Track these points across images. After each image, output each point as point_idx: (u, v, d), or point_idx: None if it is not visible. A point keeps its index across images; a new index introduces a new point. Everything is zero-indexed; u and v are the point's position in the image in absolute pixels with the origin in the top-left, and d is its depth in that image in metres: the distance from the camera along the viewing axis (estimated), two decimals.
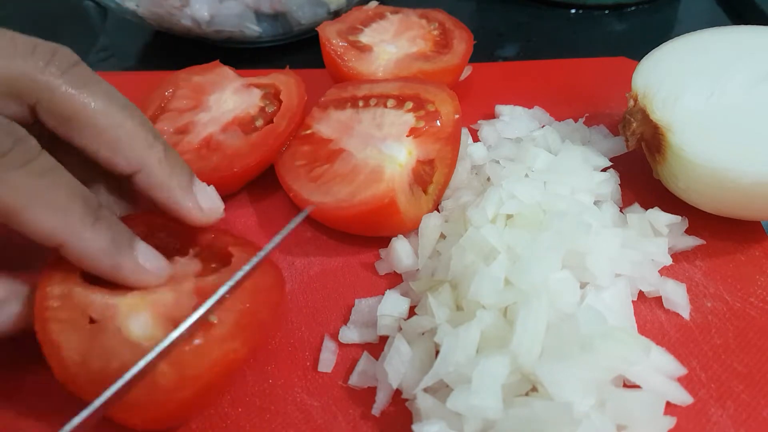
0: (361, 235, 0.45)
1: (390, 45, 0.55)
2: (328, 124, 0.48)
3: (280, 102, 0.50)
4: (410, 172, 0.44)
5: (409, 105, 0.47)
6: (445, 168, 0.45)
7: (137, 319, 0.32)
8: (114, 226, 0.32)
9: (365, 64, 0.53)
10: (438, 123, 0.45)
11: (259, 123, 0.49)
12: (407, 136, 0.45)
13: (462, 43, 0.55)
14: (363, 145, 0.45)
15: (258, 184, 0.49)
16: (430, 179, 0.44)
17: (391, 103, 0.47)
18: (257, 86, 0.52)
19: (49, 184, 0.29)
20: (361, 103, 0.49)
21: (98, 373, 0.30)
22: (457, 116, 0.45)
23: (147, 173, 0.35)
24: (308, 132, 0.49)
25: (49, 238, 0.29)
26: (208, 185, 0.38)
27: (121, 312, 0.32)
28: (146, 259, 0.33)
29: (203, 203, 0.36)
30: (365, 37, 0.56)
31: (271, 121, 0.48)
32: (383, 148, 0.44)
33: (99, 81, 0.33)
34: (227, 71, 0.53)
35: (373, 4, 0.60)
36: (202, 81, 0.52)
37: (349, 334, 0.39)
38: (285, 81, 0.51)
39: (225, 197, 0.42)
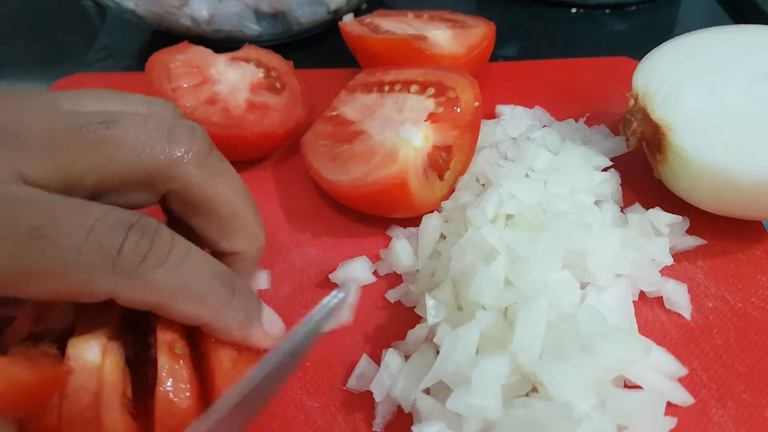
0: (361, 231, 0.45)
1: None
2: (353, 107, 0.50)
3: (272, 68, 0.55)
4: (425, 157, 0.44)
5: (431, 91, 0.47)
6: (463, 155, 0.45)
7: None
8: (247, 297, 0.33)
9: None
10: (457, 110, 0.45)
11: (278, 84, 0.53)
12: (425, 120, 0.45)
13: (480, 23, 0.57)
14: (382, 127, 0.46)
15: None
16: (447, 165, 0.45)
17: (414, 88, 0.48)
18: (242, 59, 0.55)
19: (188, 274, 0.29)
20: (386, 88, 0.49)
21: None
22: (476, 104, 0.45)
23: (243, 260, 0.35)
24: (333, 113, 0.50)
25: (193, 322, 0.31)
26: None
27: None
28: (270, 326, 0.34)
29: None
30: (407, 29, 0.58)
31: (284, 84, 0.52)
32: (400, 132, 0.44)
33: (226, 169, 0.34)
34: (201, 49, 0.55)
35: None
36: (188, 59, 0.53)
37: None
38: (259, 52, 0.56)
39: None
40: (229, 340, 0.32)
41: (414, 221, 0.45)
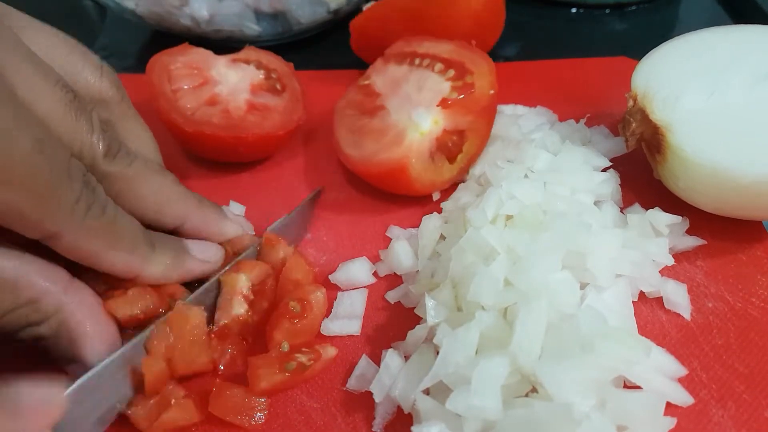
0: (361, 231, 0.45)
1: None
2: (383, 78, 0.50)
3: (272, 70, 0.55)
4: (434, 141, 0.45)
5: (451, 73, 0.47)
6: (477, 139, 0.46)
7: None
8: (167, 241, 0.36)
9: None
10: (472, 95, 0.45)
11: (278, 86, 0.53)
12: (437, 105, 0.45)
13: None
14: (400, 106, 0.47)
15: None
16: (459, 149, 0.46)
17: (438, 67, 0.48)
18: (243, 61, 0.55)
19: (120, 228, 0.33)
20: (417, 61, 0.50)
21: None
22: (492, 92, 0.45)
23: (191, 223, 0.38)
24: (366, 82, 0.51)
25: (126, 273, 0.34)
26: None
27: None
28: (203, 253, 0.38)
29: (239, 221, 0.42)
30: None
31: (284, 86, 0.53)
32: (412, 113, 0.45)
33: (135, 156, 0.36)
34: (202, 50, 0.55)
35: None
36: (189, 61, 0.53)
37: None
38: (260, 54, 0.55)
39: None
40: (170, 282, 0.36)
41: (414, 222, 0.45)
